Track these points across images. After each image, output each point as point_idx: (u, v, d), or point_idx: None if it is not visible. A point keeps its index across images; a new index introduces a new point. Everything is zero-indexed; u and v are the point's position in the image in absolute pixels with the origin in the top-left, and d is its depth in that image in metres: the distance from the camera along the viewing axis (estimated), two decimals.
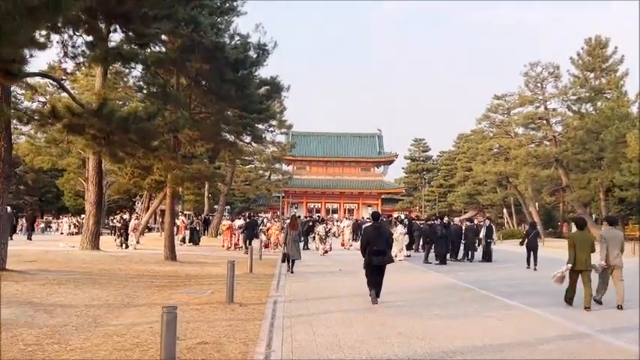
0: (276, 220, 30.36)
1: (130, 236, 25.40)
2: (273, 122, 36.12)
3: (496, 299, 11.83)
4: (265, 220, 29.78)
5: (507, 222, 59.62)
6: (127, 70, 20.21)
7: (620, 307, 10.62)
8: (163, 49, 17.39)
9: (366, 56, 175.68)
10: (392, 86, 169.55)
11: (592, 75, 43.31)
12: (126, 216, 26.94)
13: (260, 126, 23.76)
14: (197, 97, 18.54)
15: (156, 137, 14.14)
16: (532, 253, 19.53)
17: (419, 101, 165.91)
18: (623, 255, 11.03)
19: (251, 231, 25.64)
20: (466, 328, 8.62)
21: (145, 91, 18.26)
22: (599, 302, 11.03)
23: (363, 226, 15.84)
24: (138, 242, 25.98)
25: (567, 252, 10.97)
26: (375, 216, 11.96)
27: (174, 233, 34.01)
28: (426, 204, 77.39)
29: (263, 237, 25.54)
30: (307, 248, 27.04)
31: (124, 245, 25.14)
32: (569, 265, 10.82)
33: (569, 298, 11.03)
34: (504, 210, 61.55)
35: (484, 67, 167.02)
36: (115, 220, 28.14)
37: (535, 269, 18.69)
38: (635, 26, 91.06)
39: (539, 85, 45.94)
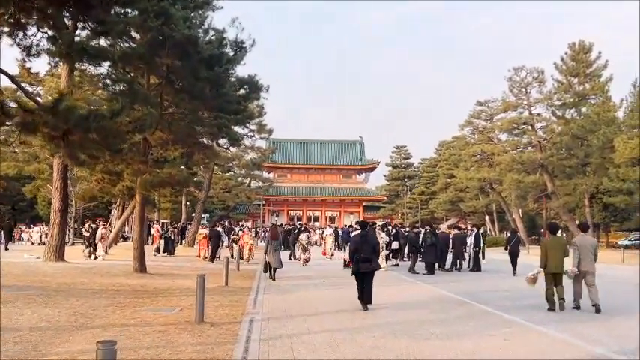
0: (249, 228, 28.64)
1: (98, 246, 23.92)
2: (252, 126, 34.89)
3: (494, 314, 10.76)
4: (237, 229, 28.17)
5: (490, 229, 58.95)
6: (93, 69, 18.76)
7: (595, 307, 10.94)
8: (133, 46, 16.18)
9: (351, 64, 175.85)
10: (375, 93, 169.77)
11: (576, 80, 42.80)
12: (95, 225, 25.42)
13: (237, 128, 22.53)
14: (169, 97, 17.29)
15: (121, 137, 12.84)
16: (513, 257, 20.33)
17: (402, 108, 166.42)
18: (597, 261, 11.43)
19: (216, 240, 24.50)
20: (469, 351, 7.53)
21: (111, 89, 16.96)
22: (578, 307, 11.26)
23: (352, 234, 15.34)
24: (107, 252, 24.53)
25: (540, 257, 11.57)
26: (362, 224, 12.24)
27: (149, 242, 32.80)
28: (408, 211, 76.57)
29: (235, 246, 23.88)
30: (297, 258, 25.30)
31: (92, 256, 23.68)
32: (541, 269, 11.40)
33: (551, 306, 11.21)
34: (487, 217, 60.94)
35: (472, 74, 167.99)
36: (83, 229, 26.62)
37: (514, 273, 19.24)
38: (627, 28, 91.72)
39: (523, 89, 45.33)
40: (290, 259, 25.89)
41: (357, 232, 14.13)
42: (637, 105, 33.46)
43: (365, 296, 11.06)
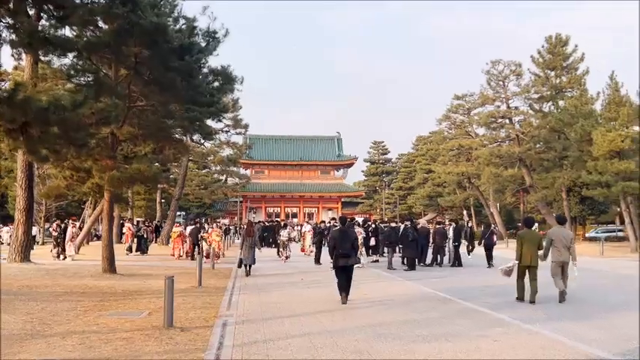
0: (217, 225, 27.67)
1: (67, 246, 22.96)
2: (227, 121, 34.08)
3: (482, 312, 10.26)
4: (207, 227, 27.26)
5: (467, 223, 58.86)
6: (58, 61, 17.82)
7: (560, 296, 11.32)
8: (99, 35, 15.34)
9: (330, 65, 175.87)
10: (353, 90, 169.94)
11: (553, 73, 42.72)
12: (64, 224, 24.43)
13: (211, 122, 21.74)
14: (138, 88, 16.46)
15: (85, 131, 12.08)
16: (488, 251, 20.71)
17: (380, 105, 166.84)
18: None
19: (195, 238, 24.00)
20: (460, 354, 7.00)
21: (75, 81, 16.09)
22: (563, 299, 11.28)
23: (332, 230, 15.01)
24: (77, 252, 23.60)
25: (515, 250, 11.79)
26: (341, 220, 12.35)
27: (122, 241, 31.83)
28: (386, 207, 76.36)
29: (205, 245, 22.94)
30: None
31: (61, 256, 22.73)
32: (516, 262, 11.56)
33: (519, 295, 11.50)
34: (464, 211, 60.90)
35: (446, 72, 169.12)
36: (51, 229, 25.61)
37: (491, 265, 19.72)
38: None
39: (501, 82, 45.26)
40: (279, 255, 25.22)
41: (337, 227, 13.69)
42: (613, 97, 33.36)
43: (344, 291, 11.23)
